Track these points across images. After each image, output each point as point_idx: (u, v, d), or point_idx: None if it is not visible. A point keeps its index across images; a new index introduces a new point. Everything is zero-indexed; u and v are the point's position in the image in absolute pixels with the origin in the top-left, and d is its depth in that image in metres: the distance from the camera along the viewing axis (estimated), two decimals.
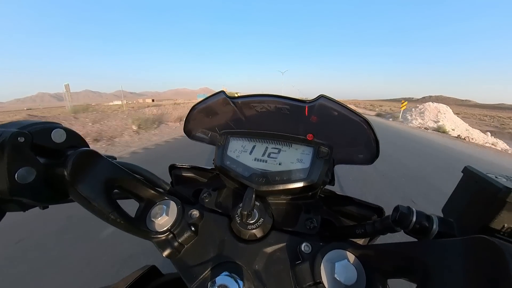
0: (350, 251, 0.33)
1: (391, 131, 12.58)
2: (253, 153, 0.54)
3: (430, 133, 13.38)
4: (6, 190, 0.30)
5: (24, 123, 0.35)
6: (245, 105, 0.58)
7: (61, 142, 0.37)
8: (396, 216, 0.34)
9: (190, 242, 0.42)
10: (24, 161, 0.31)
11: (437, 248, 0.25)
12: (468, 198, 0.36)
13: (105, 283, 0.51)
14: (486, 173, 0.34)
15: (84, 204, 0.35)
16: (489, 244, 0.20)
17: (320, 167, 0.47)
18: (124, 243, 2.12)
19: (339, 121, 0.51)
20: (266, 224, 0.42)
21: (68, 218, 2.51)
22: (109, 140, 6.94)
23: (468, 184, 0.36)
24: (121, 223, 0.36)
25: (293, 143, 0.52)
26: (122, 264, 1.92)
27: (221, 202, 0.52)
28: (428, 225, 0.31)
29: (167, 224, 0.41)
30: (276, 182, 0.48)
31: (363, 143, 0.51)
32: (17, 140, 0.30)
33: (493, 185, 0.30)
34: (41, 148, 0.35)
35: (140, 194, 0.43)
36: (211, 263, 0.39)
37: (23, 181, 0.31)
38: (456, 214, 0.37)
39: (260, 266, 0.38)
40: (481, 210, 0.32)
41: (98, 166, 0.37)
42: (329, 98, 0.49)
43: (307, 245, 0.38)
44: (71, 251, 2.08)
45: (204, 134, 0.69)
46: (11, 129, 0.31)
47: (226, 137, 0.58)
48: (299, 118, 0.54)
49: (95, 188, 0.35)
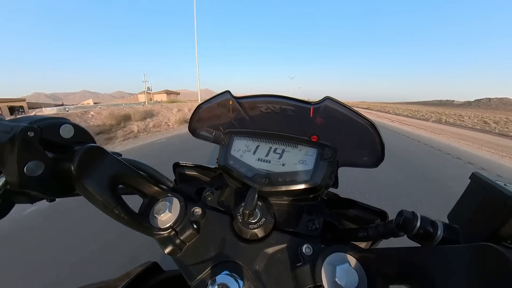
0: (351, 255, 0.33)
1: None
2: (257, 153, 0.53)
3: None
4: (15, 182, 0.31)
5: (34, 118, 0.36)
6: (250, 105, 0.58)
7: (69, 138, 0.38)
8: (400, 221, 0.33)
9: (192, 240, 0.42)
10: (33, 155, 0.32)
11: (441, 254, 0.25)
12: (475, 205, 0.35)
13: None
14: (494, 180, 0.33)
15: (89, 198, 0.36)
16: (496, 252, 0.20)
17: (324, 169, 0.47)
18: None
19: (344, 123, 0.51)
20: (267, 224, 0.42)
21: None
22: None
23: (476, 190, 0.35)
24: (125, 218, 0.37)
25: (297, 144, 0.51)
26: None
27: (223, 201, 0.53)
28: (433, 231, 0.31)
29: (169, 221, 0.41)
30: (279, 183, 0.48)
31: (368, 146, 0.50)
32: (27, 134, 0.31)
33: (501, 193, 0.29)
34: (49, 142, 0.36)
35: (144, 190, 0.44)
36: (212, 261, 0.39)
37: (31, 174, 0.32)
38: (462, 221, 0.36)
39: (261, 266, 0.38)
40: (488, 217, 0.31)
41: (104, 162, 0.38)
42: (334, 100, 0.48)
43: (308, 247, 0.37)
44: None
45: (209, 133, 0.69)
46: (21, 124, 0.32)
47: (230, 136, 0.58)
48: (304, 120, 0.54)
49: (100, 183, 0.36)
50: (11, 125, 0.32)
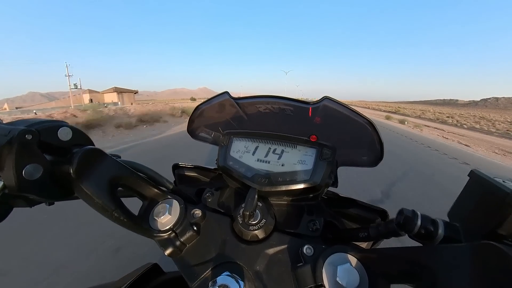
0: (352, 255, 0.33)
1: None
2: (256, 153, 0.53)
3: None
4: (13, 186, 0.31)
5: (32, 121, 0.36)
6: (248, 106, 0.58)
7: (67, 140, 0.38)
8: (401, 220, 0.33)
9: (192, 242, 0.42)
10: (31, 158, 0.32)
11: (443, 253, 0.25)
12: (474, 202, 0.35)
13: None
14: (493, 177, 0.33)
15: (88, 201, 0.35)
16: (497, 250, 0.20)
17: (323, 169, 0.47)
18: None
19: (343, 122, 0.51)
20: (268, 225, 0.42)
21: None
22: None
23: (475, 188, 0.36)
24: (124, 221, 0.37)
25: (296, 144, 0.51)
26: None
27: (223, 202, 0.52)
28: (433, 230, 0.31)
29: (169, 223, 0.41)
30: (279, 183, 0.47)
31: (367, 145, 0.50)
32: (25, 137, 0.31)
33: (501, 190, 0.29)
34: (48, 145, 0.35)
35: (143, 192, 0.44)
36: (212, 262, 0.39)
37: (30, 178, 0.32)
38: (462, 219, 0.36)
39: (261, 267, 0.38)
40: (488, 215, 0.31)
41: (103, 164, 0.38)
42: (333, 99, 0.48)
43: (309, 248, 0.37)
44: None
45: (208, 134, 0.69)
46: (19, 127, 0.32)
47: (229, 138, 0.58)
48: (303, 120, 0.54)
49: (99, 185, 0.36)
50: (8, 128, 0.31)
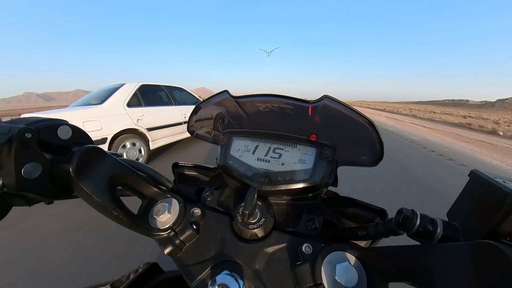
0: (351, 253, 0.33)
1: None
2: (256, 153, 0.53)
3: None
4: (12, 185, 0.31)
5: (31, 119, 0.36)
6: (248, 104, 0.58)
7: (67, 139, 0.38)
8: (400, 219, 0.33)
9: (192, 240, 0.42)
10: (31, 156, 0.32)
11: (441, 252, 0.25)
12: (474, 202, 0.35)
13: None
14: (493, 177, 0.33)
15: (88, 200, 0.35)
16: (496, 249, 0.20)
17: (323, 168, 0.47)
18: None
19: (343, 122, 0.51)
20: (267, 224, 0.42)
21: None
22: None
23: (475, 188, 0.35)
24: (124, 219, 0.37)
25: (296, 143, 0.51)
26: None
27: (223, 201, 0.53)
28: (432, 229, 0.31)
29: (169, 222, 0.41)
30: (279, 182, 0.47)
31: (367, 145, 0.50)
32: (25, 136, 0.31)
33: (501, 190, 0.29)
34: (47, 144, 0.35)
35: (143, 191, 0.44)
36: (211, 261, 0.39)
37: (29, 176, 0.32)
38: (461, 219, 0.36)
39: (261, 266, 0.38)
40: (488, 215, 0.31)
41: (102, 163, 0.38)
42: (333, 98, 0.48)
43: (308, 246, 0.37)
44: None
45: (208, 133, 0.69)
46: (19, 125, 0.32)
47: (229, 137, 0.58)
48: (303, 119, 0.54)
49: (99, 184, 0.36)
50: (8, 127, 0.31)
